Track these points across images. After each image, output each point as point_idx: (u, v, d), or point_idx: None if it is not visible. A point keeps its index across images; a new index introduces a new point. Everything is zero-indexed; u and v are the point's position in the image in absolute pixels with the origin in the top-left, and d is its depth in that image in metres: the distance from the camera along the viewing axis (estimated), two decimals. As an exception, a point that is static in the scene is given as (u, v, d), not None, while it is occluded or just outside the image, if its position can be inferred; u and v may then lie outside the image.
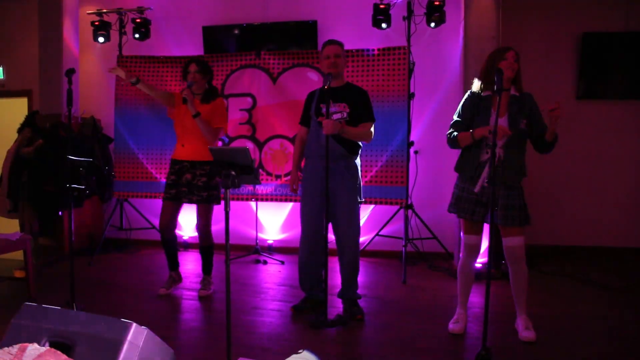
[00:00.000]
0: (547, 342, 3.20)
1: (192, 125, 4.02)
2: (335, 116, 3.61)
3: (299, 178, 3.93)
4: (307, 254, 3.78)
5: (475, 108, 3.27)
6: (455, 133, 3.28)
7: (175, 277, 4.39)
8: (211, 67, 4.27)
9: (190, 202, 4.11)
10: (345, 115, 3.65)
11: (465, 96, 3.37)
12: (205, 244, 4.25)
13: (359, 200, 3.77)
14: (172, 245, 4.30)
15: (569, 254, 5.79)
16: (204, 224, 4.17)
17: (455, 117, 3.37)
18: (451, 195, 3.40)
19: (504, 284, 4.53)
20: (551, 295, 4.28)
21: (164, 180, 4.99)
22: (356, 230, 3.75)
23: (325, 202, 3.53)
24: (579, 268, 5.17)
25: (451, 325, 3.42)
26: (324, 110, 3.59)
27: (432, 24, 5.16)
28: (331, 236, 3.87)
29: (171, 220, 4.19)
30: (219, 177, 3.90)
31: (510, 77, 3.19)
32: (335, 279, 4.25)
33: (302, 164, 3.97)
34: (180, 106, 4.11)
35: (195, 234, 6.21)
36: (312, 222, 3.74)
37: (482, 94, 3.28)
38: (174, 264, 4.36)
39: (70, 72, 3.57)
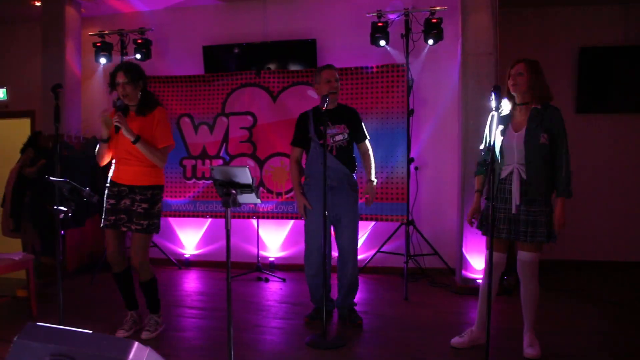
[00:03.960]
0: (551, 359, 3.19)
1: (128, 144, 3.44)
2: (337, 137, 3.84)
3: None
4: (315, 268, 3.86)
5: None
6: (475, 172, 3.51)
7: (136, 317, 3.75)
8: (144, 72, 3.62)
9: (128, 230, 3.52)
10: (346, 136, 3.86)
11: (489, 119, 3.38)
12: (144, 278, 3.59)
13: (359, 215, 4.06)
14: (125, 279, 3.68)
15: (570, 268, 5.77)
16: (140, 258, 3.52)
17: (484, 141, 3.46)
18: (482, 217, 3.39)
19: (506, 300, 4.52)
20: (554, 310, 4.26)
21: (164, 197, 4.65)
22: (357, 242, 3.99)
23: (330, 219, 3.80)
24: (581, 283, 5.16)
25: (453, 339, 3.41)
26: (326, 132, 3.73)
27: (430, 41, 5.21)
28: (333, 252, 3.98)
29: (118, 250, 3.57)
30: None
31: (520, 92, 3.20)
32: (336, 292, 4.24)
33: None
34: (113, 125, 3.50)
35: (198, 251, 6.26)
36: (319, 238, 3.81)
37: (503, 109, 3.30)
38: (132, 303, 3.74)
39: (57, 86, 3.36)
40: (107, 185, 3.61)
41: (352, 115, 3.97)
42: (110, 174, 3.64)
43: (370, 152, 4.04)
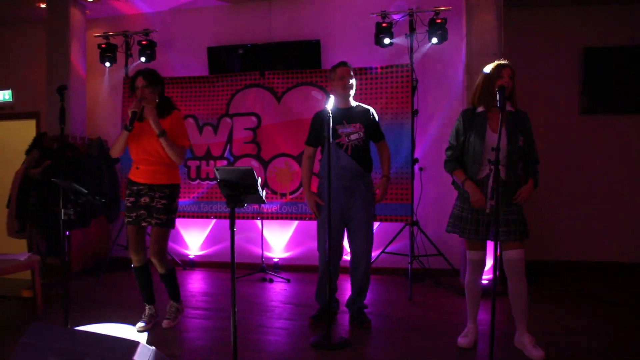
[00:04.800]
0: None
1: (148, 145, 3.66)
2: (352, 136, 3.78)
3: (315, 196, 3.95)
4: (327, 268, 3.80)
5: (470, 125, 3.30)
6: (452, 167, 3.41)
7: (154, 311, 3.93)
8: (162, 78, 3.82)
9: (148, 224, 3.73)
10: (362, 135, 3.80)
11: (459, 117, 3.40)
12: (164, 270, 3.82)
13: (375, 216, 3.97)
14: (144, 273, 3.87)
15: (573, 269, 5.75)
16: (160, 249, 3.76)
17: (450, 141, 3.43)
18: (449, 215, 3.42)
19: (510, 300, 4.51)
20: (556, 311, 4.25)
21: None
22: (371, 245, 3.89)
23: (344, 220, 3.79)
24: (583, 284, 5.13)
25: (460, 339, 3.42)
26: (340, 131, 3.75)
27: (434, 40, 5.21)
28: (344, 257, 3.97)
29: (139, 245, 3.79)
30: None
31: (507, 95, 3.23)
32: (345, 295, 4.23)
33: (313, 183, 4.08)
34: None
35: (202, 252, 6.27)
36: (330, 239, 3.78)
37: (476, 110, 3.33)
38: (149, 297, 3.93)
39: (62, 88, 3.38)
40: (127, 184, 3.82)
41: (369, 114, 3.89)
42: (130, 173, 3.84)
43: (389, 150, 3.99)
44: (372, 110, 3.95)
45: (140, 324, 3.79)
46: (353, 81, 3.86)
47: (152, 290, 3.93)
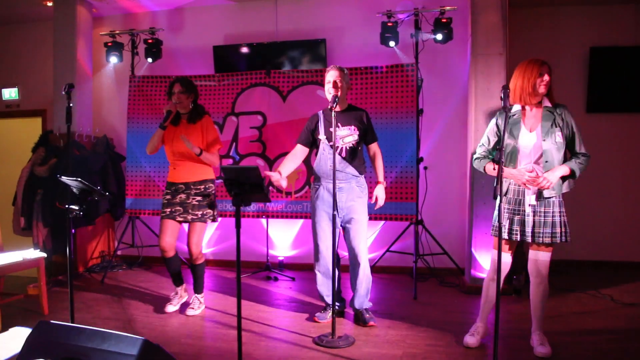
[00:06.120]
0: (561, 358, 3.17)
1: (182, 147, 4.03)
2: (346, 139, 3.82)
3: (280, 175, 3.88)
4: (324, 268, 3.89)
5: (505, 125, 3.25)
6: (482, 163, 3.36)
7: (181, 292, 4.38)
8: (196, 86, 4.24)
9: (184, 221, 4.11)
10: (356, 137, 3.84)
11: (495, 117, 3.35)
12: (197, 262, 4.21)
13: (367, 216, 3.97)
14: (174, 263, 4.26)
15: (579, 268, 5.74)
16: (196, 242, 4.14)
17: (482, 140, 3.41)
18: (493, 219, 3.37)
19: (516, 300, 4.51)
20: (563, 310, 4.24)
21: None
22: (366, 243, 3.94)
23: (336, 219, 3.73)
24: (591, 283, 5.12)
25: (466, 338, 3.42)
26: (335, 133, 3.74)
27: (440, 41, 5.20)
28: (342, 252, 4.00)
29: (170, 238, 4.14)
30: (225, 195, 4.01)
31: (544, 93, 3.19)
32: (351, 293, 4.24)
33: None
34: (168, 129, 4.14)
35: (208, 250, 6.29)
36: (325, 240, 3.84)
37: (511, 109, 3.26)
38: (178, 280, 4.35)
39: (70, 87, 3.36)
40: (166, 186, 4.23)
41: (362, 116, 3.93)
42: (168, 177, 4.26)
43: (381, 154, 3.99)
44: (365, 112, 3.99)
45: (169, 306, 4.24)
46: (342, 84, 3.82)
47: (180, 274, 4.34)
